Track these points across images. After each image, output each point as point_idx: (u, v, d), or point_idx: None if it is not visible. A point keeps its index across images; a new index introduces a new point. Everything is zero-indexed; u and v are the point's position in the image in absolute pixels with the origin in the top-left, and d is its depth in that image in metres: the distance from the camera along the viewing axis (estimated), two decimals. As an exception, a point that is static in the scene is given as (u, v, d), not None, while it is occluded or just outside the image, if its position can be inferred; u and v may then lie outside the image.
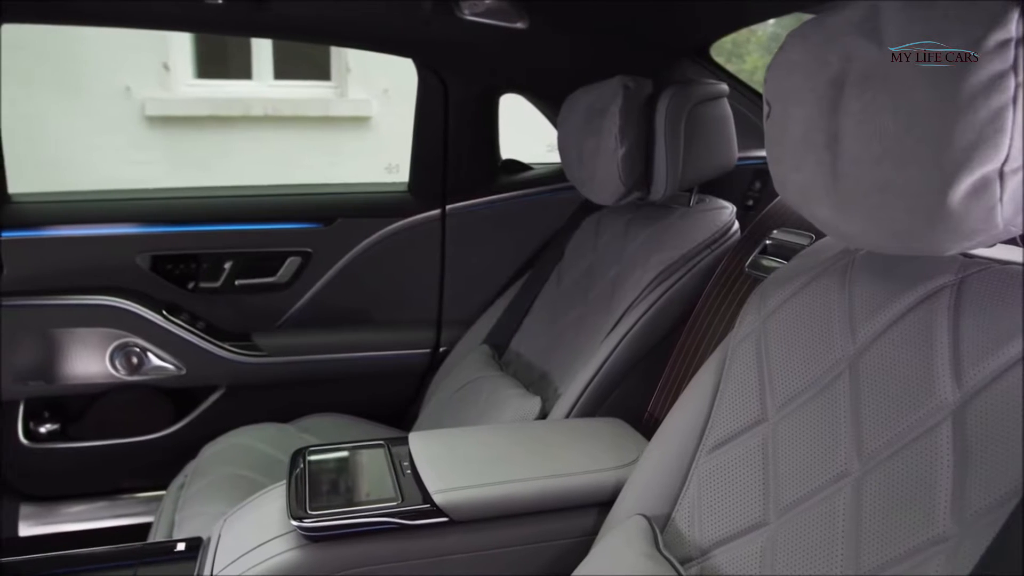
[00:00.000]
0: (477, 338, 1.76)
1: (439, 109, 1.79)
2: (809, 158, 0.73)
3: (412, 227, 1.85)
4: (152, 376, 1.69)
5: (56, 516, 1.71)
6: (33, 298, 1.62)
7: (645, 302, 1.31)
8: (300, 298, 1.83)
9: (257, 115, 4.33)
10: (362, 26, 1.57)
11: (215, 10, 1.41)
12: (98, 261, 1.68)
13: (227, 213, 1.78)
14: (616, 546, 0.89)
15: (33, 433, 1.69)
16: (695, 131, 1.35)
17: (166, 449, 1.71)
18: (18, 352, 1.63)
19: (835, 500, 0.75)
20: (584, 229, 1.63)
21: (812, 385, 0.82)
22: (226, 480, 1.37)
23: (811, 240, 1.12)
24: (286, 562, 0.91)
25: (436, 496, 0.96)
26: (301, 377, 1.80)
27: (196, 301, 1.76)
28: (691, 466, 0.91)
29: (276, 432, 1.59)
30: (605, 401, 1.30)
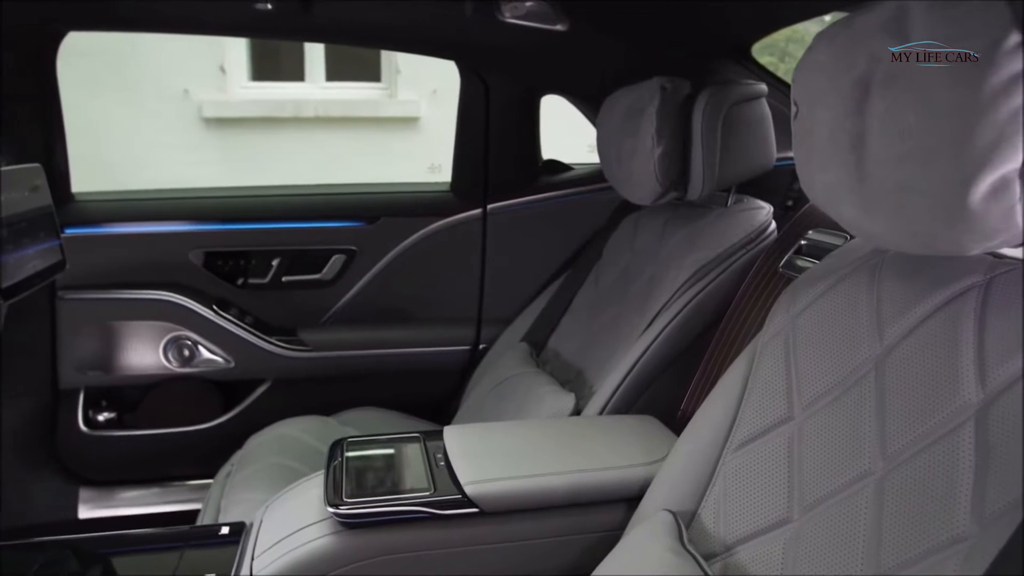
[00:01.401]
0: (516, 336, 1.79)
1: (481, 110, 1.82)
2: (834, 159, 0.74)
3: (454, 226, 1.88)
4: (202, 368, 1.76)
5: (112, 500, 1.79)
6: (93, 292, 1.70)
7: (680, 301, 1.32)
8: (344, 295, 1.87)
9: (308, 116, 4.43)
10: (405, 29, 1.60)
11: (264, 15, 1.46)
12: (154, 257, 1.75)
13: (275, 212, 1.84)
14: (641, 540, 0.90)
15: (92, 421, 1.77)
16: (732, 131, 1.35)
17: (215, 439, 1.77)
18: (78, 343, 1.71)
19: (857, 499, 0.75)
20: (623, 229, 1.64)
21: (838, 385, 0.83)
22: (270, 469, 1.42)
23: (845, 240, 1.12)
24: (322, 547, 0.95)
25: (467, 487, 0.98)
26: (344, 372, 1.84)
27: (245, 297, 1.82)
28: (718, 463, 0.92)
29: (319, 424, 1.64)
30: (639, 399, 1.31)
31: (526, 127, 1.89)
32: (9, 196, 1.34)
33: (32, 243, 1.38)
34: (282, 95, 4.49)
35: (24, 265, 1.36)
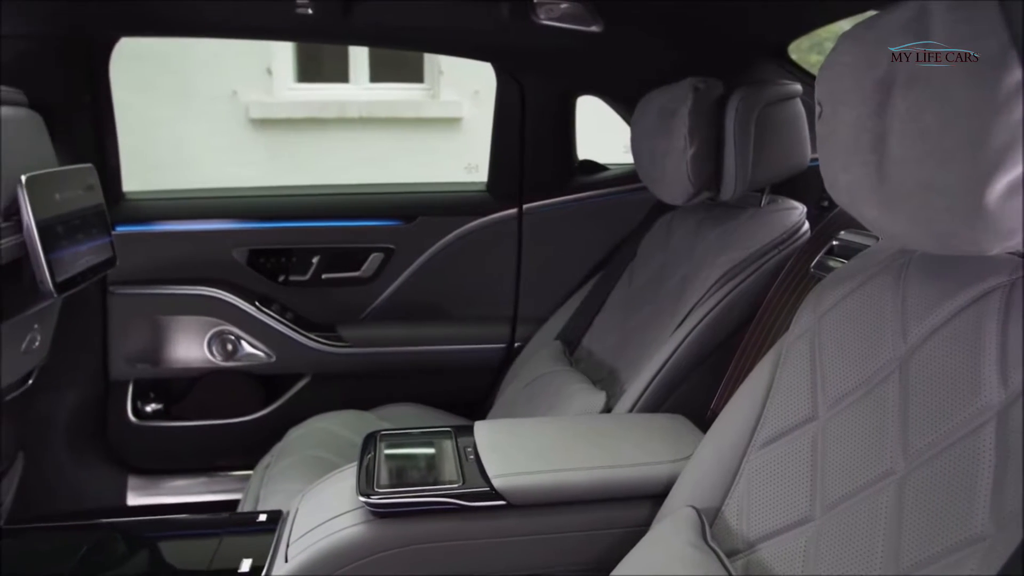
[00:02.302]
0: (550, 334, 1.80)
1: (517, 111, 1.85)
2: (856, 159, 0.74)
3: (490, 225, 1.91)
4: (245, 362, 1.82)
5: (159, 488, 1.86)
6: (142, 287, 1.76)
7: (711, 301, 1.32)
8: (382, 292, 1.91)
9: (352, 117, 4.50)
10: (442, 32, 1.64)
11: (305, 19, 1.50)
12: (200, 254, 1.81)
13: (316, 211, 1.89)
14: (665, 535, 0.92)
15: (140, 412, 1.84)
16: (766, 132, 1.35)
17: (256, 431, 1.83)
18: (128, 336, 1.78)
19: (879, 498, 0.76)
20: (657, 229, 1.65)
21: (863, 384, 0.83)
22: (307, 461, 1.46)
23: (877, 241, 1.11)
24: (354, 535, 0.98)
25: (495, 480, 1.00)
26: (382, 368, 1.88)
27: (286, 293, 1.87)
28: (742, 461, 0.93)
29: (356, 419, 1.68)
30: (669, 397, 1.32)
31: (561, 128, 1.90)
32: (64, 195, 1.41)
33: (85, 240, 1.45)
34: (327, 96, 4.56)
35: (77, 261, 1.42)
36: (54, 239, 1.34)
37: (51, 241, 1.33)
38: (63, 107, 1.61)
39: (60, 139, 1.53)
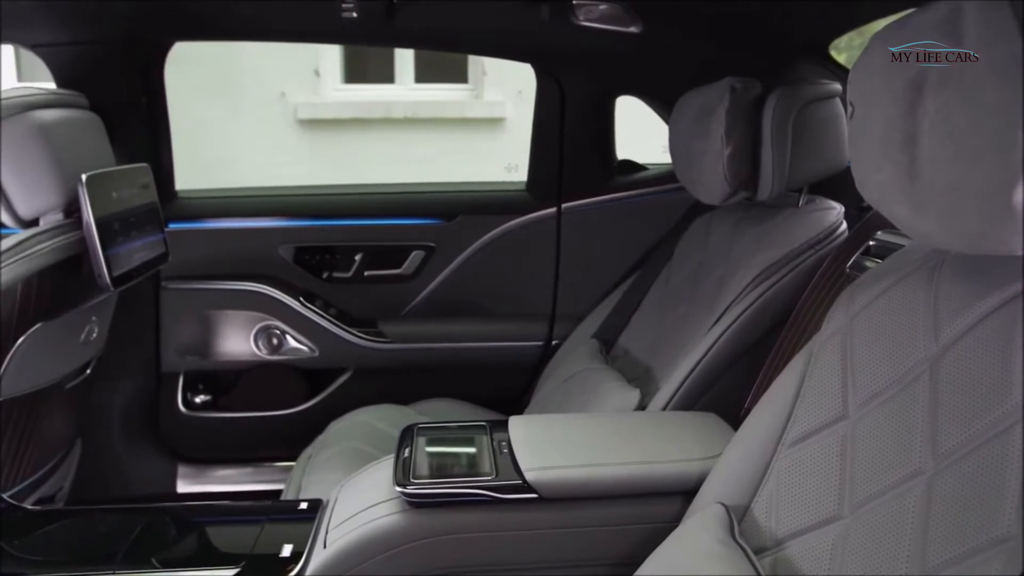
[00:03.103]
0: (587, 332, 1.82)
1: (556, 111, 1.87)
2: (887, 159, 0.75)
3: (529, 224, 1.93)
4: (289, 356, 1.87)
5: (206, 477, 1.92)
6: (192, 282, 1.83)
7: (746, 300, 1.32)
8: (423, 289, 1.95)
9: (397, 117, 4.56)
10: (483, 34, 1.67)
11: (350, 22, 1.55)
12: (247, 251, 1.88)
13: (359, 209, 1.93)
14: (693, 531, 0.93)
15: (190, 403, 1.91)
16: (804, 132, 1.35)
17: (299, 423, 1.88)
18: (179, 330, 1.85)
19: (907, 498, 0.76)
20: (694, 229, 1.66)
21: (893, 384, 0.83)
22: (347, 452, 1.50)
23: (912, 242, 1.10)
24: (390, 524, 1.01)
25: (528, 474, 1.02)
26: (422, 363, 1.92)
27: (330, 289, 1.92)
28: (772, 459, 0.93)
29: (395, 413, 1.71)
30: (703, 396, 1.32)
31: (600, 128, 1.92)
32: (121, 193, 1.47)
33: (140, 236, 1.51)
34: (372, 97, 4.64)
35: (132, 256, 1.48)
36: (111, 235, 1.40)
37: (108, 237, 1.39)
38: (120, 109, 1.68)
39: (117, 140, 1.60)
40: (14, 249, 1.29)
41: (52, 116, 1.40)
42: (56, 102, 1.45)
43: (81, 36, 1.64)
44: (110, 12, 1.59)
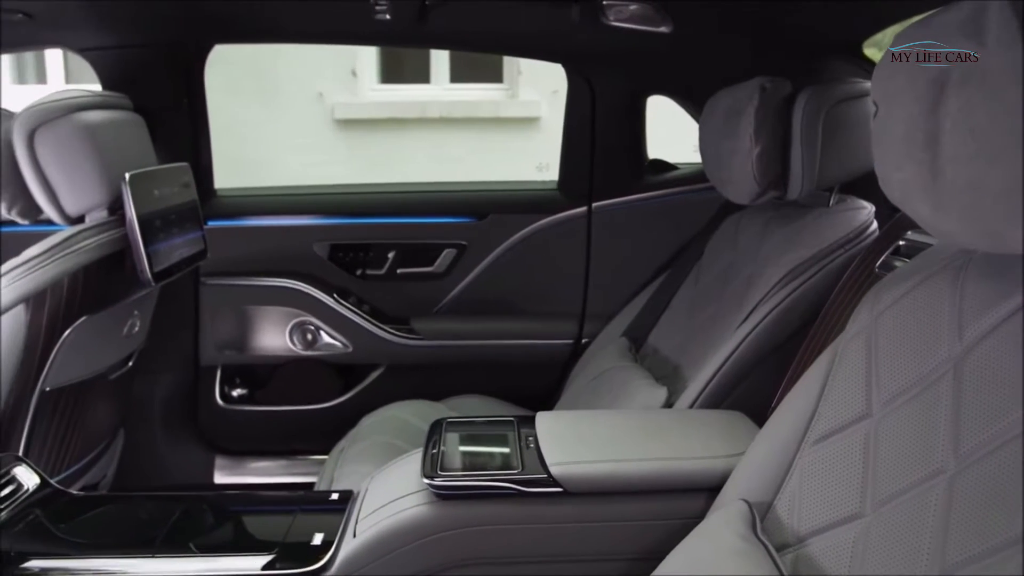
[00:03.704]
0: (617, 331, 1.83)
1: (587, 111, 1.88)
2: (909, 157, 0.75)
3: (560, 223, 1.94)
4: (323, 352, 1.91)
5: (243, 469, 1.97)
6: (230, 278, 1.88)
7: (774, 299, 1.32)
8: (455, 287, 1.98)
9: (433, 117, 4.60)
10: (514, 35, 1.69)
11: (384, 24, 1.58)
12: (283, 248, 1.92)
13: (393, 208, 1.97)
14: (715, 527, 0.94)
15: (227, 396, 1.96)
16: (835, 131, 1.34)
17: (332, 417, 1.92)
18: (217, 325, 1.90)
19: (928, 496, 0.76)
20: (724, 228, 1.66)
21: (917, 383, 0.83)
22: (379, 446, 1.53)
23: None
24: (418, 515, 1.04)
25: (553, 468, 1.04)
26: (453, 360, 1.95)
27: (363, 286, 1.96)
28: (795, 457, 0.94)
29: (427, 408, 1.74)
30: (730, 394, 1.32)
31: (631, 127, 1.93)
32: (162, 192, 1.52)
33: (180, 233, 1.56)
34: (408, 97, 4.68)
35: (173, 253, 1.53)
36: (153, 232, 1.45)
37: (150, 234, 1.44)
38: (162, 110, 1.73)
39: (159, 139, 1.65)
40: (61, 245, 1.34)
41: (98, 117, 1.45)
42: (102, 104, 1.50)
43: (127, 40, 1.70)
44: (155, 16, 1.65)
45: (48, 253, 1.32)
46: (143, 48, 1.72)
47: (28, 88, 4.57)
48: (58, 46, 1.94)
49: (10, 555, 1.02)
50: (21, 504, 1.11)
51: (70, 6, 1.51)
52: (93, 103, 1.48)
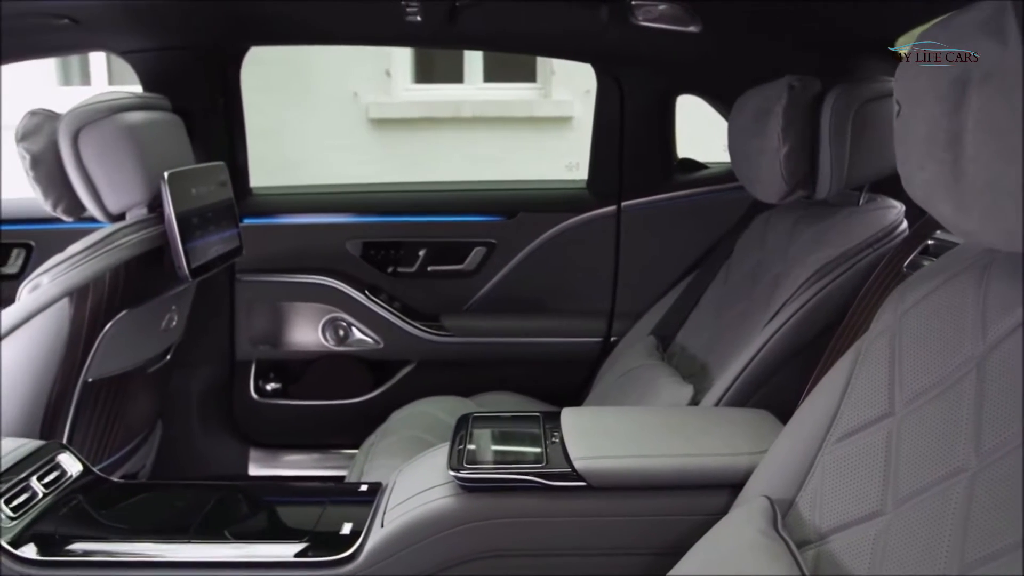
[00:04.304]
0: (645, 329, 1.83)
1: (616, 111, 1.89)
2: (932, 157, 0.75)
3: (589, 222, 1.95)
4: (355, 348, 1.95)
5: (276, 462, 2.01)
6: (265, 275, 1.92)
7: (801, 298, 1.32)
8: (484, 285, 2.00)
9: (466, 116, 4.63)
10: (543, 36, 1.70)
11: (415, 26, 1.60)
12: (317, 246, 1.96)
13: (424, 206, 2.00)
14: (736, 523, 0.94)
15: (261, 390, 2.01)
16: (864, 129, 1.34)
17: (363, 412, 1.95)
18: (252, 320, 1.95)
19: (949, 494, 0.76)
20: (754, 227, 1.65)
21: (940, 382, 0.83)
22: (408, 440, 1.56)
23: (969, 241, 1.09)
24: (443, 506, 1.06)
25: (577, 462, 1.05)
26: (482, 357, 1.97)
27: (394, 284, 1.99)
28: (818, 454, 0.94)
29: (455, 404, 1.76)
30: (756, 393, 1.33)
31: (660, 127, 1.93)
32: (199, 190, 1.56)
33: (216, 231, 1.60)
34: (442, 96, 4.72)
35: (209, 249, 1.57)
36: (190, 229, 1.49)
37: (187, 231, 1.48)
38: (200, 111, 1.78)
39: (197, 139, 1.69)
40: (104, 241, 1.39)
41: (139, 118, 1.50)
42: (142, 105, 1.55)
43: (167, 43, 1.75)
44: (193, 20, 1.70)
45: (91, 249, 1.37)
46: (182, 51, 1.77)
47: (73, 90, 4.69)
48: (101, 49, 2.00)
49: (54, 537, 1.06)
50: (65, 490, 1.16)
51: (113, 11, 1.56)
52: (134, 104, 1.53)
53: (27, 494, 1.10)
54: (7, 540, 1.02)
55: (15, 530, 1.04)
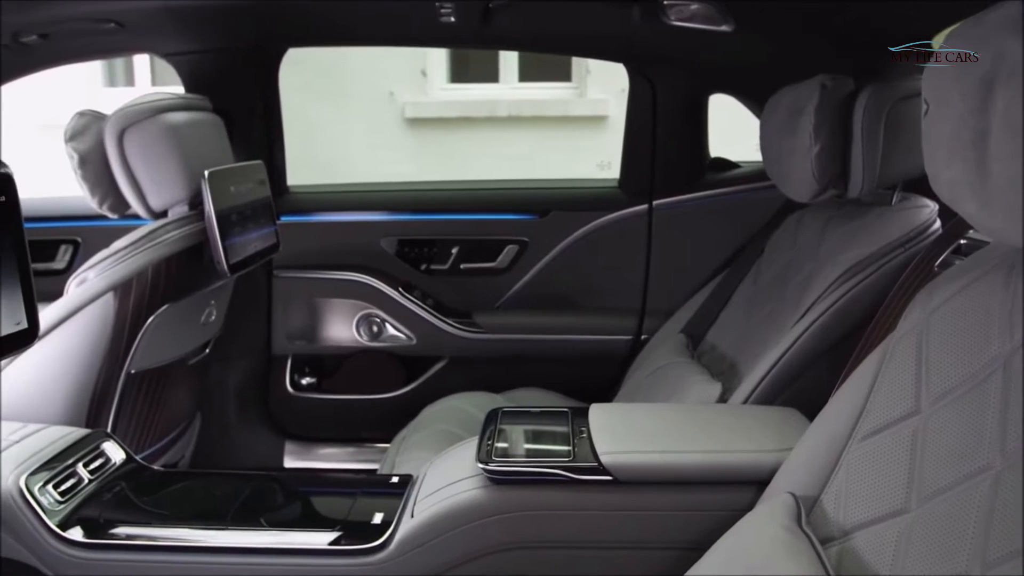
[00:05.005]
0: (676, 327, 1.84)
1: (649, 110, 1.89)
2: (957, 155, 0.76)
3: (620, 221, 1.96)
4: (388, 344, 1.98)
5: (311, 455, 2.06)
6: (301, 271, 1.97)
7: (831, 297, 1.32)
8: (516, 282, 2.02)
9: (501, 116, 4.64)
10: (576, 35, 1.71)
11: (449, 27, 1.63)
12: (352, 243, 2.00)
13: (457, 204, 2.02)
14: (760, 519, 0.95)
15: (297, 384, 2.05)
16: (897, 128, 1.33)
17: (396, 407, 1.98)
18: (288, 316, 1.99)
19: (974, 492, 0.76)
20: (785, 226, 1.65)
21: (967, 381, 0.83)
22: (438, 434, 1.59)
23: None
24: (472, 498, 1.08)
25: (603, 457, 1.07)
26: (513, 353, 1.99)
27: (427, 281, 2.02)
28: (843, 452, 0.94)
29: (486, 399, 1.79)
30: (784, 391, 1.32)
31: (692, 126, 1.93)
32: (238, 188, 1.61)
33: (254, 228, 1.64)
34: (477, 96, 4.74)
35: (247, 246, 1.61)
36: (229, 226, 1.54)
37: (227, 228, 1.53)
38: (239, 111, 1.83)
39: (236, 139, 1.74)
40: (147, 237, 1.44)
41: (181, 119, 1.55)
42: (184, 105, 1.60)
43: (208, 45, 1.80)
44: (235, 23, 1.74)
45: (134, 245, 1.42)
46: (223, 53, 1.82)
47: (118, 91, 4.81)
48: (146, 51, 2.06)
49: (99, 521, 1.11)
50: (109, 476, 1.20)
51: (158, 15, 1.61)
52: (176, 105, 1.57)
53: (74, 479, 1.15)
54: (55, 523, 1.07)
55: (63, 513, 1.09)
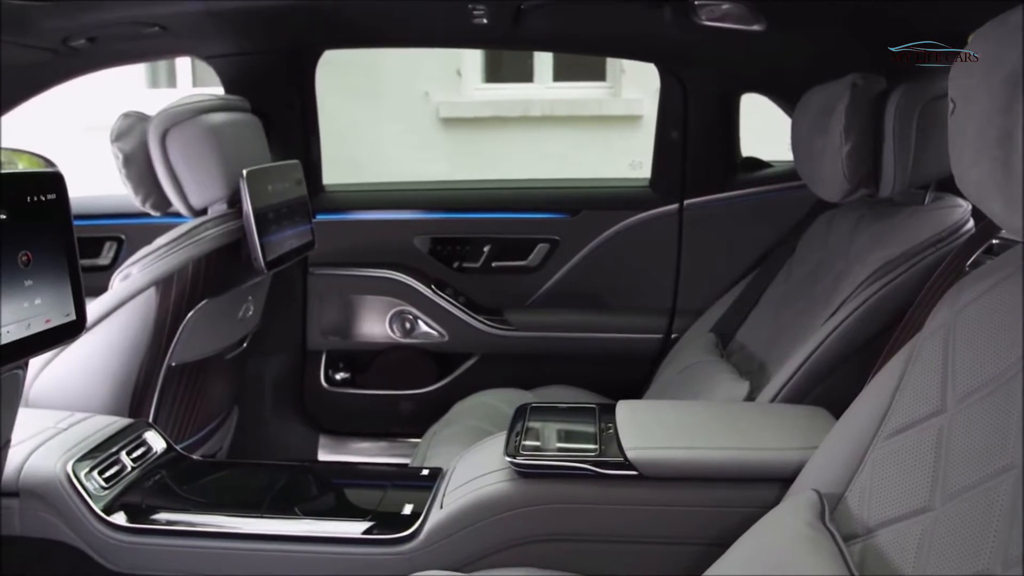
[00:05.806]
0: (705, 326, 1.84)
1: (680, 110, 1.90)
2: (983, 154, 0.76)
3: (651, 220, 1.97)
4: (420, 340, 2.01)
5: (344, 448, 2.10)
6: (335, 269, 2.01)
7: (861, 296, 1.31)
8: (547, 281, 2.04)
9: (535, 115, 4.66)
10: (607, 36, 1.73)
11: (481, 28, 1.65)
12: (386, 241, 2.03)
13: (489, 203, 2.05)
14: (784, 515, 0.96)
15: (331, 379, 2.09)
16: (930, 127, 1.32)
17: (427, 402, 2.01)
18: (323, 312, 2.03)
19: (997, 491, 0.76)
20: (816, 226, 1.64)
21: (992, 381, 0.83)
22: (468, 430, 1.61)
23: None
24: (499, 490, 1.10)
25: (629, 452, 1.08)
26: (544, 351, 2.01)
27: (459, 279, 2.05)
28: (868, 449, 0.95)
29: (516, 396, 1.80)
30: (813, 390, 1.32)
31: (724, 125, 1.93)
32: (275, 187, 1.65)
33: (290, 226, 1.68)
34: (512, 96, 4.76)
35: (284, 243, 1.65)
36: (266, 224, 1.58)
37: (264, 226, 1.57)
38: (277, 111, 1.87)
39: (273, 138, 1.78)
40: (187, 235, 1.49)
41: (220, 119, 1.60)
42: (223, 106, 1.65)
43: (247, 47, 1.85)
44: (272, 26, 1.79)
45: (175, 242, 1.47)
46: (261, 55, 1.87)
47: (160, 92, 4.93)
48: (187, 54, 2.12)
49: (141, 507, 1.15)
50: (150, 465, 1.25)
51: (200, 19, 1.65)
52: (217, 106, 1.62)
53: (117, 467, 1.20)
54: (100, 507, 1.12)
55: (107, 499, 1.14)
